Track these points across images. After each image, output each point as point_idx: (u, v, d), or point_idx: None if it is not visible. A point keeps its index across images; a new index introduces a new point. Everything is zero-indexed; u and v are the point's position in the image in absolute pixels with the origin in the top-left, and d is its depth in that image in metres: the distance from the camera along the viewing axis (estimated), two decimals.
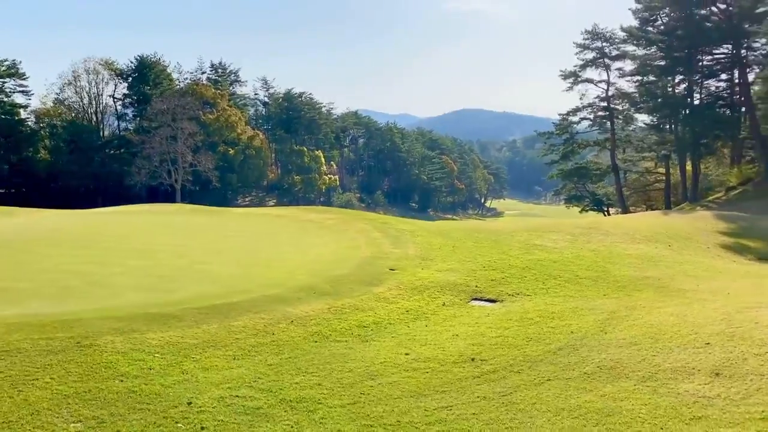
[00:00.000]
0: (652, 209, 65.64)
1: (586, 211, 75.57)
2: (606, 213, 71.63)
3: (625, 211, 61.79)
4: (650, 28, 51.70)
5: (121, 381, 7.77)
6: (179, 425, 6.41)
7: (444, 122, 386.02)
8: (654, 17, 51.84)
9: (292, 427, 6.46)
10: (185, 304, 11.55)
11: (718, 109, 50.68)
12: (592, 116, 60.40)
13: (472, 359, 8.98)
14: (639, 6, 52.50)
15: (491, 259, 17.58)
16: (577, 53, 58.34)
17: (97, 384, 7.57)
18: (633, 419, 6.18)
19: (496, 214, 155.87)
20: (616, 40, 56.78)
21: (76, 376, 7.82)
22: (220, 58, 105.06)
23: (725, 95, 51.17)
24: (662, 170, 65.93)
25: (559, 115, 61.01)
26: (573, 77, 58.45)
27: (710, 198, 51.93)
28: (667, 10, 50.22)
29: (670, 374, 7.48)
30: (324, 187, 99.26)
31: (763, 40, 48.39)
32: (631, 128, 63.69)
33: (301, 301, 12.26)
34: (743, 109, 49.78)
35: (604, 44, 57.37)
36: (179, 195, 68.81)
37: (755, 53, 48.68)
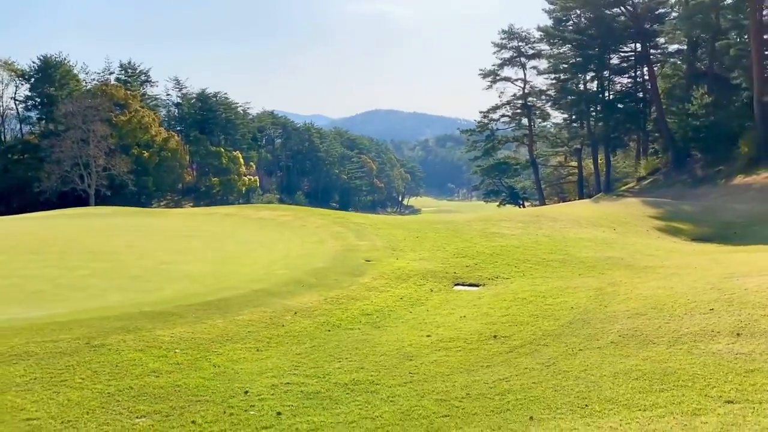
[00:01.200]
0: (566, 200, 68.97)
1: (504, 204, 78.38)
2: (522, 206, 74.53)
3: (543, 203, 64.53)
4: (564, 28, 54.22)
5: (158, 377, 7.45)
6: (252, 412, 6.25)
7: (357, 122, 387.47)
8: (567, 17, 54.41)
9: (364, 407, 6.44)
10: (177, 302, 11.16)
11: (627, 104, 53.81)
12: (510, 113, 62.63)
13: (494, 336, 9.22)
14: (553, 6, 54.98)
15: (458, 247, 17.96)
16: (494, 52, 60.42)
17: (135, 381, 7.23)
18: (693, 375, 6.59)
19: (413, 211, 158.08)
20: (532, 39, 59.28)
21: (107, 375, 7.42)
22: (129, 58, 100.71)
23: (632, 91, 54.44)
24: (574, 164, 69.42)
25: (480, 113, 62.94)
26: (492, 75, 60.38)
27: (623, 188, 55.12)
28: (579, 11, 52.82)
29: (693, 337, 8.00)
30: (244, 188, 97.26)
31: (664, 39, 52.01)
32: (544, 124, 66.65)
33: (294, 294, 12.12)
34: (650, 103, 53.11)
35: (520, 44, 59.66)
36: (93, 200, 65.54)
37: (658, 51, 52.13)
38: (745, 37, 44.76)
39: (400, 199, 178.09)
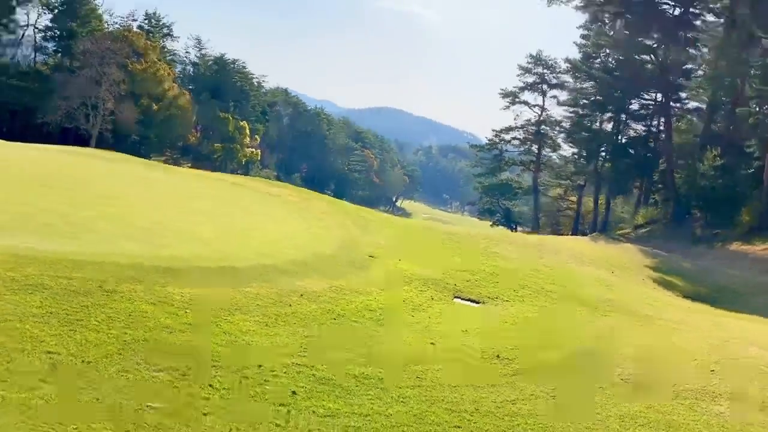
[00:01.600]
0: (559, 233, 69.26)
1: (497, 225, 78.64)
2: (514, 230, 74.81)
3: (537, 231, 64.78)
4: (591, 64, 54.50)
5: (170, 333, 7.48)
6: (267, 387, 6.29)
7: (364, 116, 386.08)
8: (596, 54, 54.66)
9: (375, 402, 6.50)
10: (188, 262, 11.17)
11: (638, 151, 54.11)
12: (522, 137, 62.86)
13: (497, 356, 9.30)
14: (584, 42, 55.23)
15: (459, 261, 18.05)
16: (518, 75, 60.56)
17: (149, 334, 7.25)
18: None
19: (405, 214, 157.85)
20: (557, 69, 59.48)
21: (121, 322, 7.43)
22: (155, 8, 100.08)
23: (646, 139, 54.77)
24: (574, 198, 69.80)
25: (493, 131, 63.06)
26: (512, 96, 60.57)
27: (619, 232, 55.50)
28: (609, 50, 53.08)
29: (695, 395, 8.12)
30: (244, 159, 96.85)
31: (686, 94, 52.42)
32: (551, 155, 66.90)
33: (301, 275, 12.17)
34: (660, 155, 53.42)
35: (545, 71, 59.86)
36: (94, 141, 65.16)
37: (678, 105, 52.54)
38: (766, 108, 45.22)
39: (394, 199, 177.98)
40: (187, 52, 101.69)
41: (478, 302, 14.29)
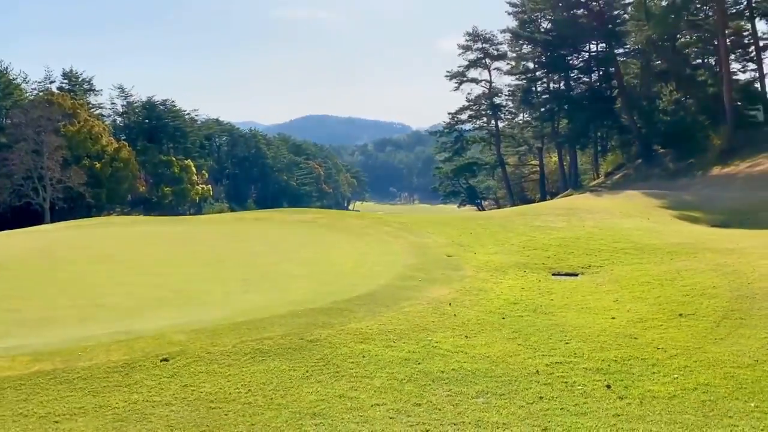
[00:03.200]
0: (527, 200, 70.69)
1: (464, 205, 79.78)
2: (480, 207, 76.04)
3: (513, 203, 65.82)
4: (531, 29, 55.83)
5: (419, 364, 7.41)
6: (579, 386, 6.34)
7: (293, 129, 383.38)
8: (532, 19, 56.03)
9: (682, 373, 6.67)
10: (338, 297, 11.01)
11: (594, 103, 55.91)
12: (477, 114, 63.86)
13: (680, 315, 9.55)
14: (517, 9, 56.52)
15: (519, 240, 18.29)
16: (460, 54, 61.48)
17: (405, 369, 7.17)
18: None
19: None
20: (496, 41, 60.66)
21: (369, 366, 7.31)
22: (71, 65, 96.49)
23: (597, 90, 56.55)
24: (535, 162, 71.40)
25: (449, 113, 63.86)
26: (459, 77, 61.41)
27: (592, 183, 57.15)
28: (545, 13, 54.51)
29: None
30: (197, 197, 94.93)
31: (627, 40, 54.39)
32: (505, 125, 68.20)
33: (423, 288, 12.15)
34: (615, 101, 55.30)
35: (485, 45, 60.93)
36: (48, 214, 62.79)
37: (622, 50, 54.42)
38: (706, 35, 47.33)
39: (346, 204, 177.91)
40: (112, 103, 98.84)
41: (576, 274, 14.55)
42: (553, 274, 14.59)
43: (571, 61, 54.31)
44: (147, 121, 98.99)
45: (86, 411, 6.15)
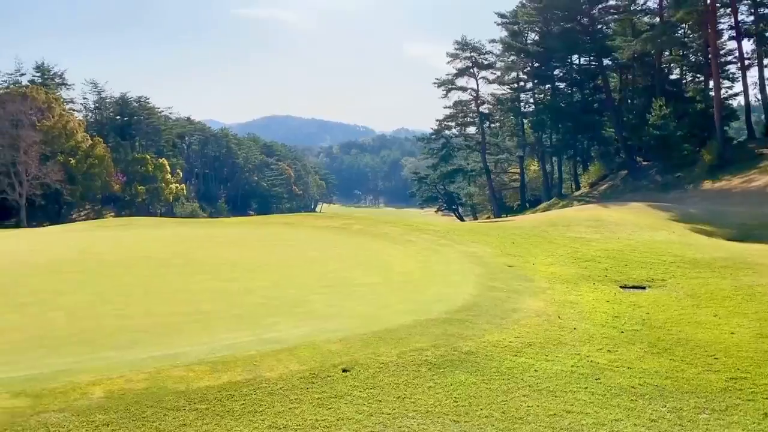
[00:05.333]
0: (506, 208, 71.71)
1: (441, 210, 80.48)
2: (457, 213, 76.85)
3: (498, 212, 66.65)
4: (521, 41, 56.84)
5: (597, 379, 7.67)
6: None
7: (253, 128, 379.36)
8: (523, 30, 57.07)
9: None
10: (442, 306, 11.15)
11: (580, 114, 57.26)
12: (462, 122, 64.64)
13: None
14: (507, 20, 57.50)
15: (566, 251, 18.71)
16: (449, 62, 62.15)
17: (554, 382, 7.42)
18: None
19: None
20: (484, 50, 61.55)
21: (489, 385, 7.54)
22: (43, 59, 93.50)
23: (585, 102, 57.92)
24: (515, 170, 72.54)
25: (437, 120, 64.46)
26: (447, 84, 62.06)
27: (576, 193, 58.39)
28: (536, 25, 55.59)
29: None
30: (171, 196, 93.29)
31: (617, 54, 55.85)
32: (489, 132, 69.20)
33: (514, 299, 12.39)
34: (602, 113, 56.74)
35: (473, 54, 61.75)
36: (24, 210, 61.12)
37: (612, 64, 55.87)
38: (695, 55, 48.98)
39: (313, 206, 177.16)
40: (85, 98, 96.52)
41: (643, 287, 15.00)
42: (621, 287, 14.99)
43: (559, 74, 55.55)
44: (119, 117, 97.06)
45: (329, 424, 6.21)
